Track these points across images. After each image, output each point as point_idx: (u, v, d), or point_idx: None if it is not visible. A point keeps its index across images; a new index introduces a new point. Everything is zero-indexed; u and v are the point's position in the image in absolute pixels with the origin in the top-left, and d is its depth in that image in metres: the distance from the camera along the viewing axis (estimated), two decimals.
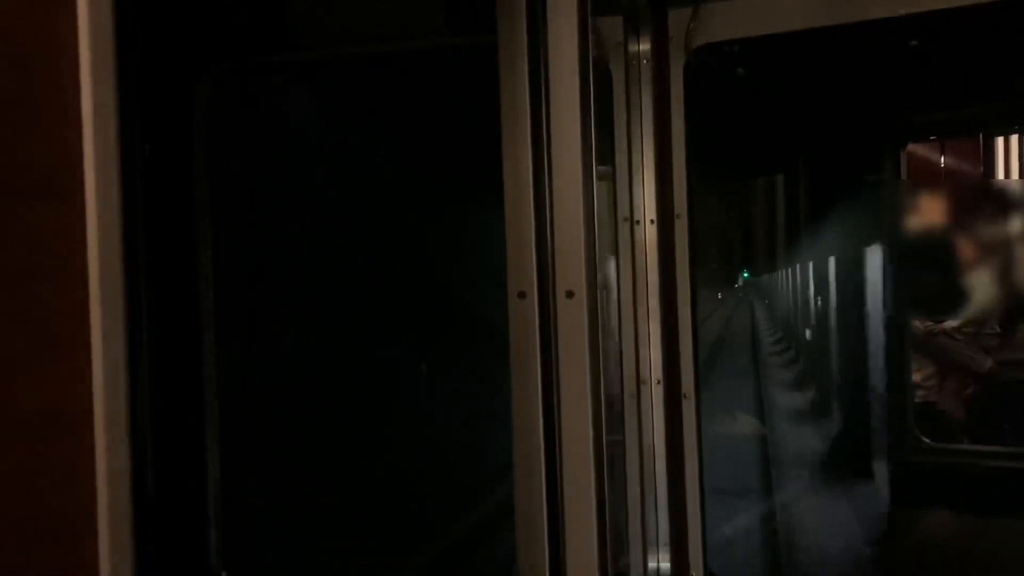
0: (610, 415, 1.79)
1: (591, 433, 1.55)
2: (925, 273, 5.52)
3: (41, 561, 1.34)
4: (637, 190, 2.59)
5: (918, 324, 5.85)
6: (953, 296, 5.68)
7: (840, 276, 7.53)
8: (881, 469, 5.34)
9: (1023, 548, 4.02)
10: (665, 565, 2.59)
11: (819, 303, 10.42)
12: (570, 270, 1.54)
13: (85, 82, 1.46)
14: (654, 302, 2.58)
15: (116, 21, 1.51)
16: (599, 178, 1.64)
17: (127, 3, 1.54)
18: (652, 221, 2.57)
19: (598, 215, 1.62)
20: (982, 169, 6.45)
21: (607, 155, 2.59)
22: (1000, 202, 5.56)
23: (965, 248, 5.65)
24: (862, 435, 5.97)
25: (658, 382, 2.59)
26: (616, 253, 2.60)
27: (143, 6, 1.60)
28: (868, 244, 5.68)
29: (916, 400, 5.39)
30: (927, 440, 4.97)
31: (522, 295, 1.55)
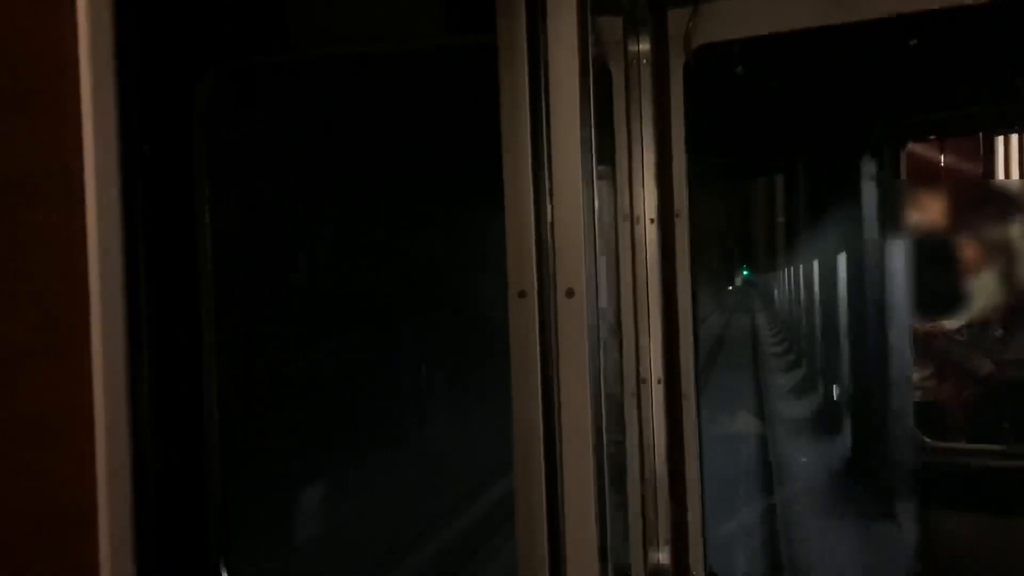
0: (610, 415, 1.79)
1: (591, 433, 1.55)
2: (924, 273, 5.52)
3: (41, 560, 1.34)
4: (637, 189, 2.59)
5: (918, 325, 5.85)
6: (953, 297, 5.69)
7: (839, 275, 7.53)
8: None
9: None
10: (665, 564, 2.59)
11: (818, 302, 10.41)
12: (570, 269, 1.54)
13: (85, 82, 1.46)
14: (654, 301, 2.58)
15: (116, 21, 1.51)
16: (599, 178, 1.64)
17: (127, 3, 1.54)
18: (652, 220, 2.57)
19: (598, 214, 1.62)
20: (981, 169, 6.45)
21: (607, 155, 2.58)
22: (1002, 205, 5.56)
23: (965, 250, 5.65)
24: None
25: (658, 381, 2.59)
26: (616, 252, 2.60)
27: (143, 6, 1.60)
28: (867, 244, 5.68)
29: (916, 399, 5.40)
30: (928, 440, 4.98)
31: (522, 294, 1.55)
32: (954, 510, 4.44)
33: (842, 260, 7.20)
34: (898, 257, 5.32)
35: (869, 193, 5.20)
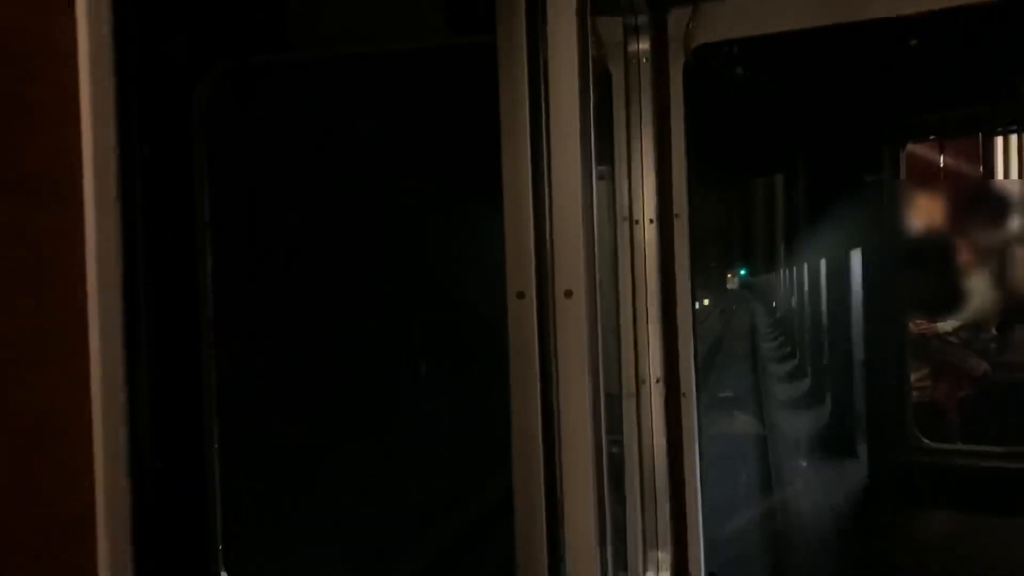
0: (610, 415, 1.79)
1: (591, 433, 1.55)
2: (922, 274, 5.53)
3: (41, 561, 1.34)
4: (637, 190, 2.59)
5: (913, 326, 5.86)
6: (950, 298, 5.69)
7: (838, 276, 7.53)
8: None
9: None
10: (665, 564, 2.59)
11: (817, 303, 10.39)
12: (569, 270, 1.54)
13: (84, 82, 1.46)
14: (654, 302, 2.59)
15: (115, 21, 1.51)
16: (599, 178, 1.64)
17: (126, 3, 1.54)
18: (651, 221, 2.57)
19: (597, 215, 1.62)
20: (981, 169, 6.45)
21: (607, 155, 2.58)
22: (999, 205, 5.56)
23: (963, 250, 5.65)
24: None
25: (658, 381, 2.59)
26: (616, 253, 2.60)
27: (143, 6, 1.60)
28: (867, 244, 5.68)
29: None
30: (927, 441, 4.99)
31: (521, 295, 1.55)
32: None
33: (837, 261, 7.19)
34: (897, 258, 5.32)
35: (869, 193, 5.20)
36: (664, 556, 2.59)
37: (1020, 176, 6.52)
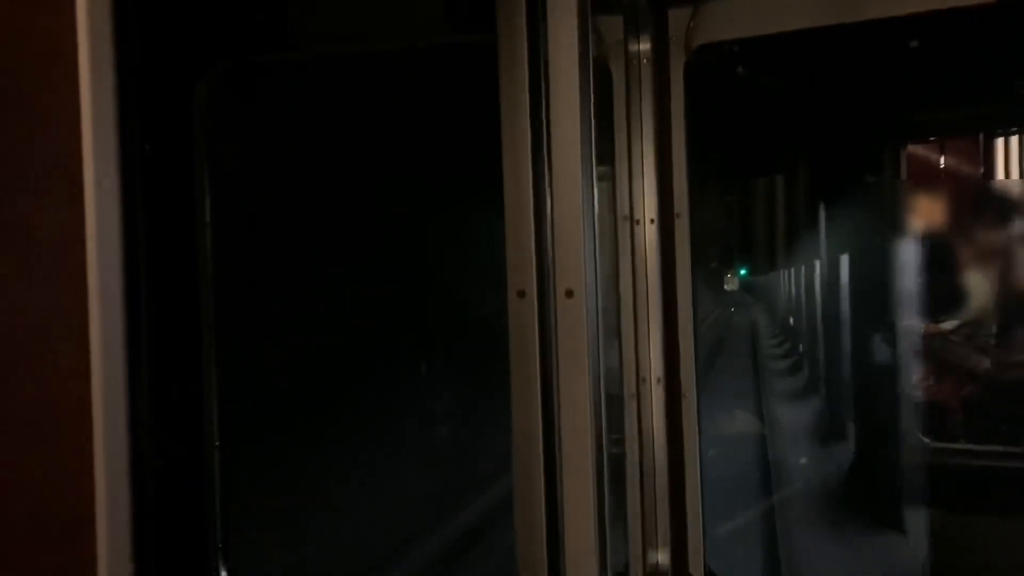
0: (610, 415, 1.79)
1: (591, 433, 1.55)
2: (923, 274, 5.53)
3: (40, 559, 1.34)
4: (637, 190, 2.59)
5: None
6: (950, 298, 5.69)
7: (838, 276, 7.52)
8: None
9: None
10: (665, 564, 2.59)
11: (817, 302, 10.39)
12: (570, 269, 1.54)
13: (84, 82, 1.46)
14: (654, 302, 2.59)
15: (115, 21, 1.51)
16: (599, 178, 1.64)
17: (126, 3, 1.54)
18: (652, 220, 2.57)
19: (598, 215, 1.62)
20: (981, 169, 6.45)
21: (607, 155, 2.58)
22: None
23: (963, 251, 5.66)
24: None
25: (658, 381, 2.59)
26: (616, 252, 2.60)
27: (142, 6, 1.60)
28: (867, 244, 5.68)
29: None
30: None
31: (522, 294, 1.55)
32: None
33: (836, 261, 7.19)
34: (898, 258, 5.33)
35: (869, 193, 5.20)
36: (663, 556, 2.59)
37: (1020, 176, 6.52)
